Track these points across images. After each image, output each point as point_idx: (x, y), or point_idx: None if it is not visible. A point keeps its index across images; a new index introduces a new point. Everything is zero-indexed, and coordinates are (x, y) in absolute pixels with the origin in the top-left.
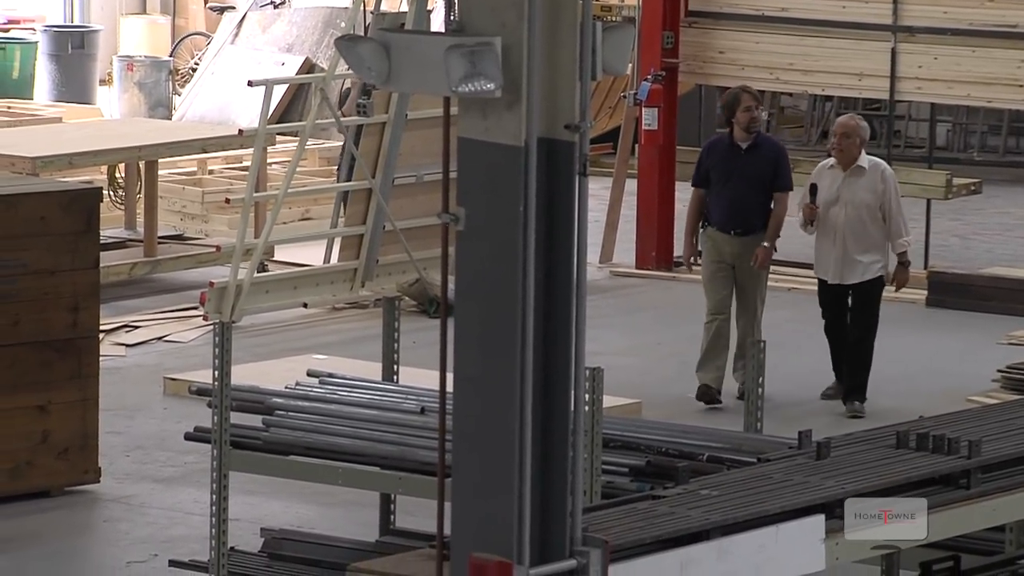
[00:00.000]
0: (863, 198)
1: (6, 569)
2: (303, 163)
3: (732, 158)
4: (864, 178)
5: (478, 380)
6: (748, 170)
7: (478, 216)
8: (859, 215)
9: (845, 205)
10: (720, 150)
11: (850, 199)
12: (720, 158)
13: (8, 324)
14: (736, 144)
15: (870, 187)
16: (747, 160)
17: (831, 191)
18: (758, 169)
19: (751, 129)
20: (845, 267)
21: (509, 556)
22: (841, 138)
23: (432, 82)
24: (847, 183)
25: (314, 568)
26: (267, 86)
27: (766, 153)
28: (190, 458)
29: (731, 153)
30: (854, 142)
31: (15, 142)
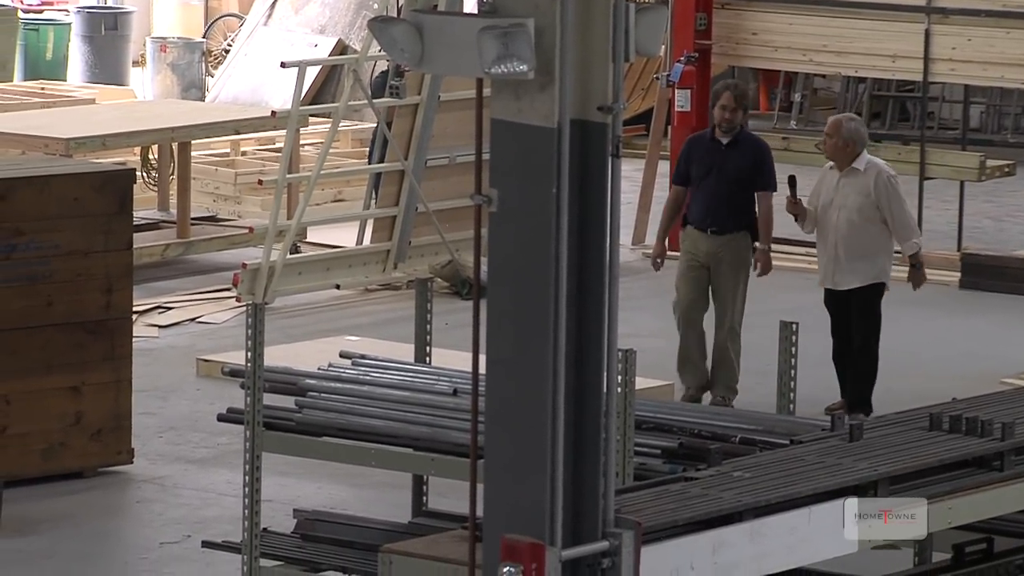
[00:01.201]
0: (855, 201)
1: (40, 549)
2: (336, 144)
3: (713, 154)
4: (858, 180)
5: (511, 362)
6: (728, 167)
7: (511, 198)
8: (851, 218)
9: (839, 208)
10: (702, 146)
11: (843, 202)
12: (701, 154)
13: (41, 305)
14: (717, 140)
15: (863, 190)
16: (728, 156)
17: (828, 194)
18: (739, 166)
19: (722, 128)
20: (838, 272)
21: (541, 538)
22: (827, 139)
23: (465, 64)
24: (842, 185)
25: (347, 549)
26: (300, 68)
27: (748, 150)
28: (223, 439)
29: (712, 149)
30: (836, 143)
31: (48, 123)
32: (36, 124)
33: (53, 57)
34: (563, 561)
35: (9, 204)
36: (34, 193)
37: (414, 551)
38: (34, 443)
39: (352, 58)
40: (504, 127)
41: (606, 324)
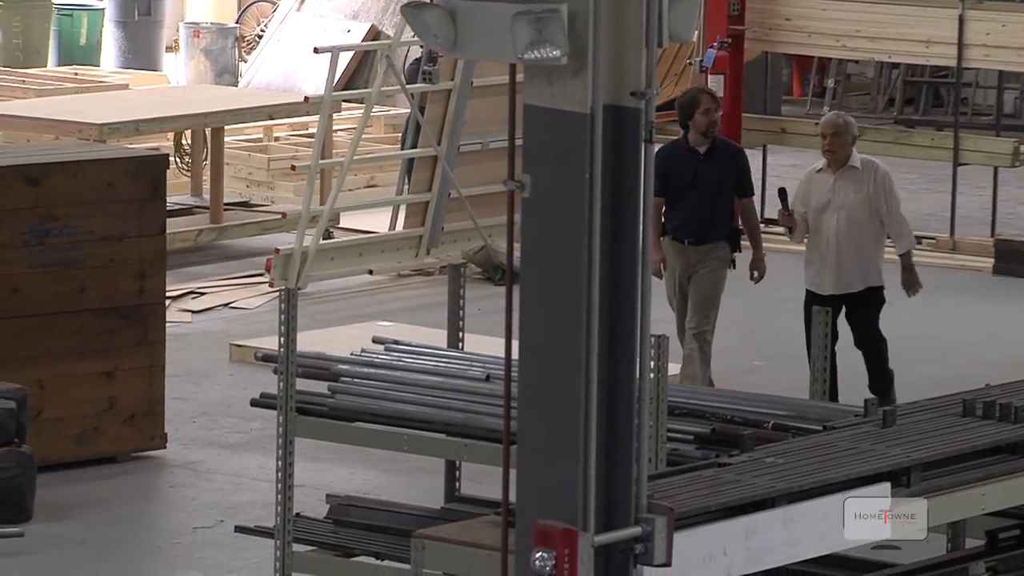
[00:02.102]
0: (856, 200)
1: (74, 534)
2: (369, 130)
3: (691, 164)
4: (856, 178)
5: (544, 347)
6: (709, 176)
7: (544, 183)
8: (854, 218)
9: (838, 210)
10: (677, 157)
11: (843, 203)
12: (678, 165)
13: (75, 291)
14: (693, 149)
15: (862, 187)
16: (707, 166)
17: (821, 196)
18: (719, 175)
19: (709, 133)
20: (842, 277)
21: (574, 523)
22: (832, 139)
23: (498, 49)
24: (839, 186)
25: (379, 534)
26: (333, 53)
27: (726, 157)
28: (256, 424)
29: (689, 159)
30: (845, 141)
31: (82, 109)
32: (70, 109)
33: (87, 43)
34: (596, 547)
35: (43, 189)
36: (68, 178)
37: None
38: (68, 428)
39: (385, 44)
40: (537, 113)
41: (639, 310)
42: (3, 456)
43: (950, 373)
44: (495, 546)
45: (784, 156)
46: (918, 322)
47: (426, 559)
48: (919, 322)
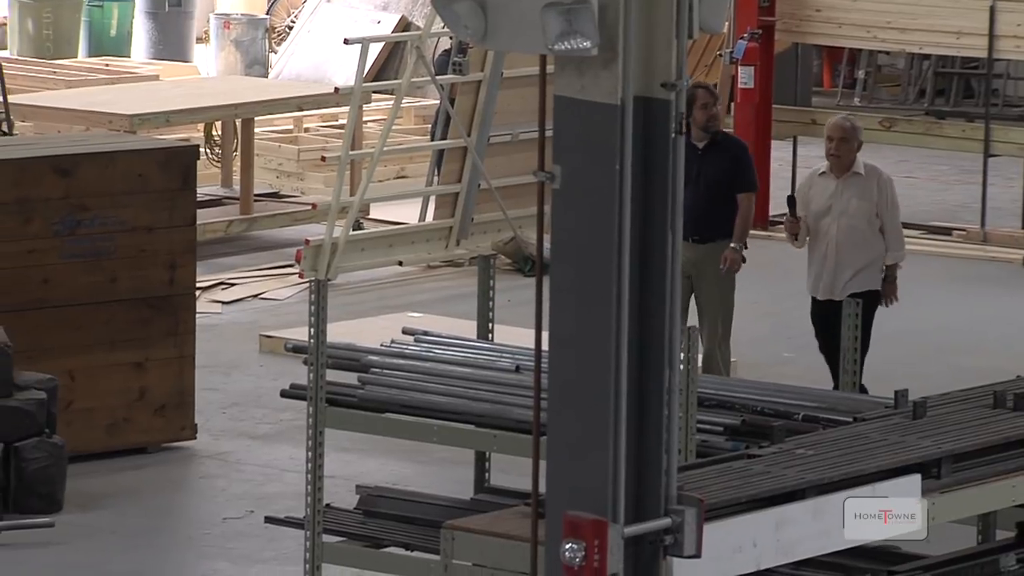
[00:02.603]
0: (858, 206)
1: (104, 524)
2: (399, 121)
3: (690, 160)
4: (860, 184)
5: (574, 339)
6: (709, 172)
7: (574, 175)
8: (854, 225)
9: (838, 216)
10: None
11: (844, 209)
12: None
13: (106, 281)
14: (693, 145)
15: (865, 194)
16: (707, 161)
17: (822, 201)
18: (719, 170)
19: (709, 128)
20: (837, 282)
21: (604, 514)
22: (840, 143)
23: (528, 40)
24: (840, 191)
25: (409, 525)
26: (363, 44)
27: (726, 152)
28: (286, 415)
29: (689, 155)
30: (852, 146)
31: (112, 100)
32: (100, 100)
33: (117, 33)
34: (626, 538)
35: (74, 180)
36: (98, 169)
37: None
38: (98, 419)
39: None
40: (567, 104)
41: (669, 301)
42: (34, 447)
43: (980, 364)
44: (525, 537)
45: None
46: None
47: (456, 550)
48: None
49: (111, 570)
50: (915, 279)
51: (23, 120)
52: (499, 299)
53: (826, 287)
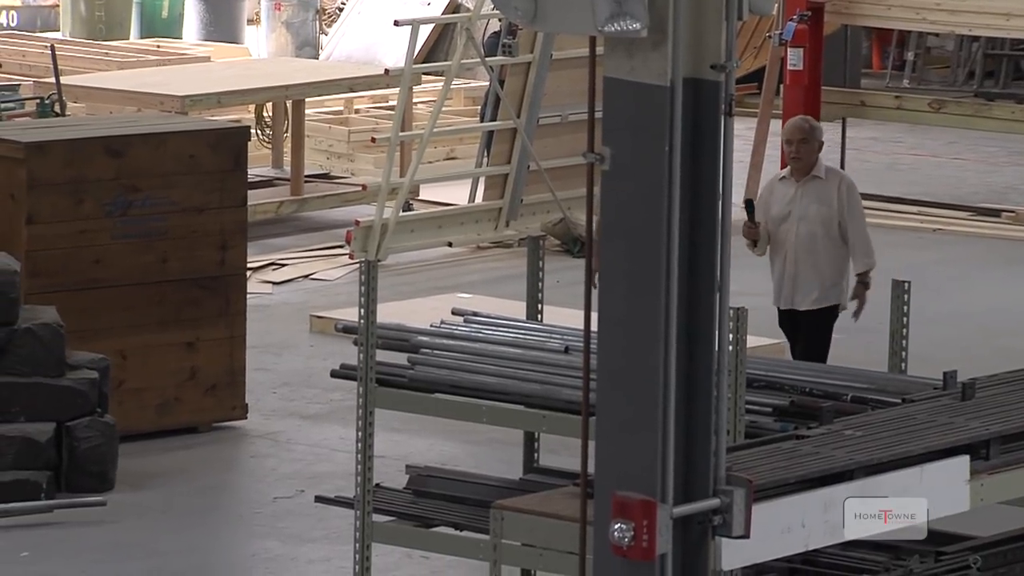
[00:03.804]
0: (818, 212)
1: (155, 503)
2: (448, 103)
3: None
4: (820, 188)
5: (623, 319)
6: None
7: (623, 156)
8: (812, 231)
9: (797, 221)
10: None
11: (803, 214)
12: None
13: (157, 262)
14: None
15: (826, 199)
16: None
17: (782, 206)
18: None
19: None
20: (796, 291)
21: (653, 495)
22: (800, 145)
23: (578, 22)
24: (799, 196)
25: (459, 505)
26: (413, 26)
27: None
28: (336, 395)
29: None
30: (812, 147)
31: (164, 81)
32: (152, 82)
33: (169, 15)
34: (674, 518)
35: (126, 161)
36: (150, 150)
37: (526, 507)
38: (149, 398)
39: (465, 16)
40: (617, 85)
41: (718, 282)
42: (86, 426)
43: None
44: (574, 517)
45: (863, 129)
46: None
47: (505, 530)
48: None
49: (162, 549)
50: (963, 261)
51: (75, 101)
52: (548, 280)
53: (787, 297)
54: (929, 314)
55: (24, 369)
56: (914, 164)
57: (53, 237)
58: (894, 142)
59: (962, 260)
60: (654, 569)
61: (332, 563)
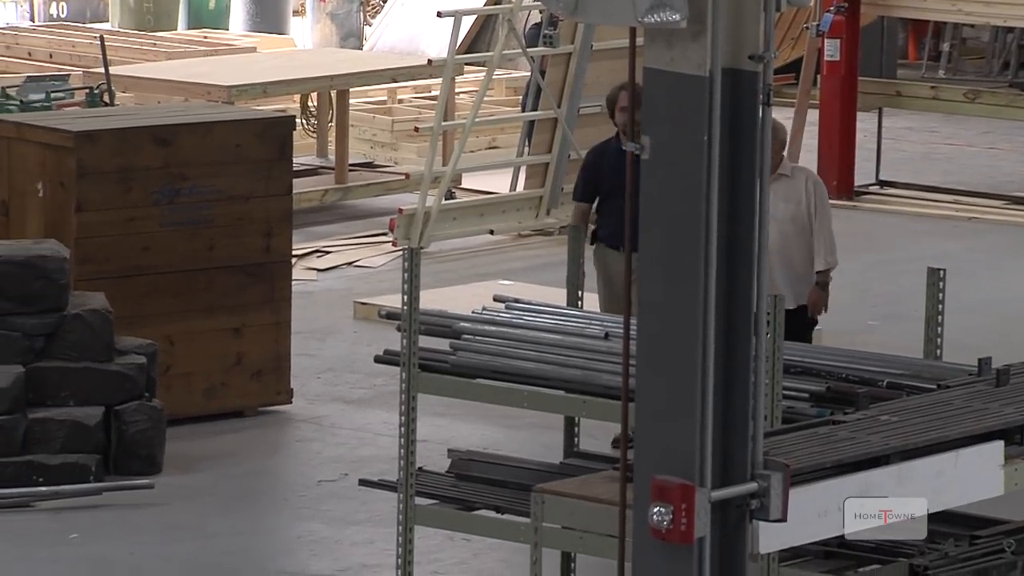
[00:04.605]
0: (786, 210)
1: (203, 485)
2: (490, 93)
3: (623, 166)
4: (787, 187)
5: (662, 306)
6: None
7: (663, 145)
8: (782, 230)
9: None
10: (609, 157)
11: (772, 213)
12: (609, 167)
13: (204, 249)
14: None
15: (794, 196)
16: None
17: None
18: None
19: (628, 134)
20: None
21: (691, 479)
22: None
23: (618, 13)
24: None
25: (500, 489)
26: (456, 17)
27: None
28: (379, 380)
29: (621, 160)
30: (775, 147)
31: (211, 71)
32: (199, 72)
33: (216, 6)
34: (713, 502)
35: (173, 150)
36: (197, 139)
37: (566, 491)
38: (196, 383)
39: (507, 7)
40: (656, 75)
41: (755, 270)
42: (134, 410)
43: None
44: (613, 501)
45: (899, 119)
46: None
47: (546, 513)
48: None
49: (209, 530)
50: (998, 249)
51: (124, 91)
52: (588, 267)
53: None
54: (964, 301)
55: (73, 354)
56: (949, 153)
57: (102, 225)
58: (929, 132)
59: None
60: (692, 552)
61: (375, 545)
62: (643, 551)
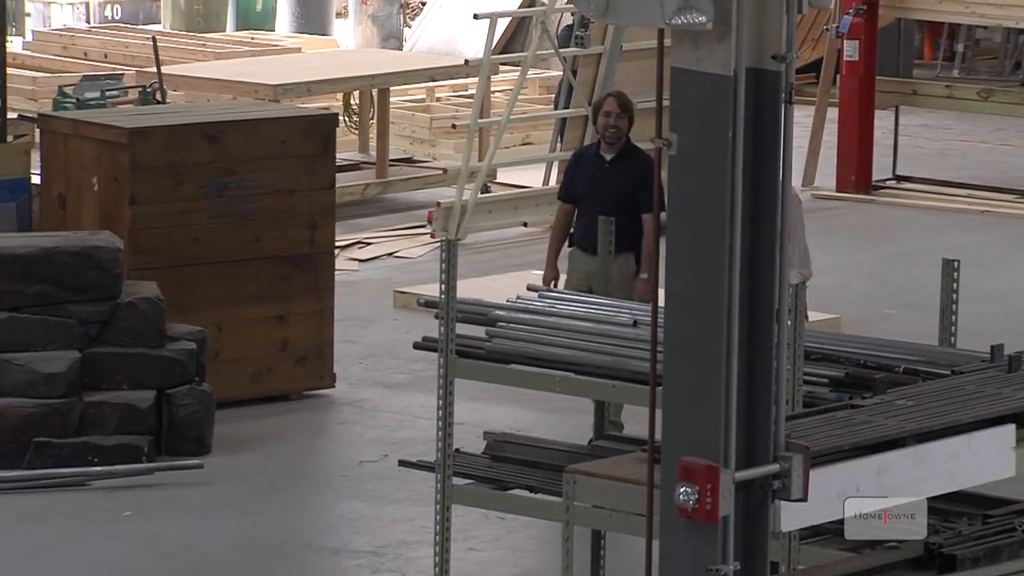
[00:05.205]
0: None
1: (250, 466)
2: (524, 91)
3: (596, 171)
4: None
5: (688, 295)
6: (609, 186)
7: (689, 141)
8: None
9: None
10: (585, 162)
11: None
12: (584, 172)
13: (251, 240)
14: (600, 156)
15: None
16: (610, 174)
17: None
18: (620, 186)
19: (608, 138)
20: None
21: (716, 460)
22: None
23: (647, 15)
24: None
25: (533, 469)
26: (491, 19)
27: (630, 168)
28: (418, 366)
29: (596, 166)
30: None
31: (258, 71)
32: (246, 71)
33: (262, 9)
34: (736, 482)
35: (221, 146)
36: (244, 136)
37: (596, 472)
38: (244, 368)
39: (540, 10)
40: (683, 75)
41: (778, 260)
42: (184, 394)
43: None
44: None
45: (915, 117)
46: None
47: (577, 492)
48: None
49: (256, 509)
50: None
51: (175, 89)
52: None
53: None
54: (977, 291)
55: (127, 340)
56: (963, 150)
57: (154, 217)
58: (944, 129)
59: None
60: (717, 530)
61: (414, 523)
62: (670, 529)
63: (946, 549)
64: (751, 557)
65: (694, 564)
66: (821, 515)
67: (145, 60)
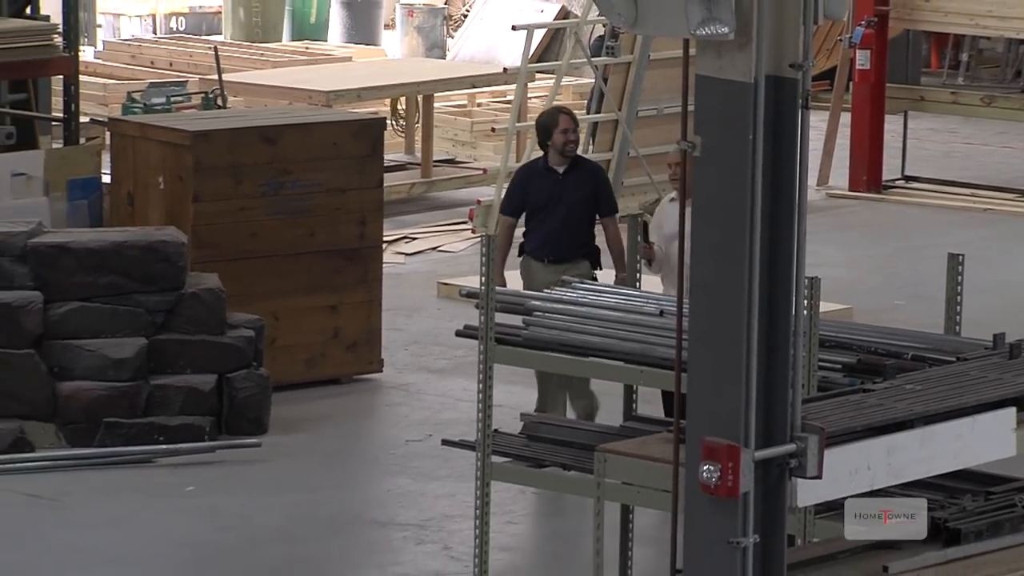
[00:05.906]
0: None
1: (303, 445)
2: (559, 97)
3: (551, 184)
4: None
5: (711, 287)
6: (568, 196)
7: (712, 144)
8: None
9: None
10: (536, 176)
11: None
12: (537, 186)
13: (305, 235)
14: (552, 169)
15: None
16: (566, 185)
17: (673, 225)
18: (579, 194)
19: (566, 152)
20: None
21: (737, 440)
22: (677, 168)
23: (673, 26)
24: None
25: (566, 448)
26: (528, 30)
27: (585, 176)
28: (460, 352)
29: (550, 179)
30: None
31: (311, 78)
32: (301, 79)
33: (316, 20)
34: (756, 461)
35: (278, 148)
36: (299, 138)
37: (625, 451)
38: (298, 354)
39: (574, 22)
40: (707, 82)
41: (795, 254)
42: (243, 378)
43: None
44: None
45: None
46: None
47: (607, 470)
48: None
49: (310, 484)
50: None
51: (235, 95)
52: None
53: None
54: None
55: (190, 328)
56: (967, 152)
57: (215, 214)
58: (950, 132)
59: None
60: (738, 505)
61: (456, 498)
62: (694, 504)
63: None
64: (769, 531)
65: (716, 537)
66: (835, 491)
67: (207, 68)
